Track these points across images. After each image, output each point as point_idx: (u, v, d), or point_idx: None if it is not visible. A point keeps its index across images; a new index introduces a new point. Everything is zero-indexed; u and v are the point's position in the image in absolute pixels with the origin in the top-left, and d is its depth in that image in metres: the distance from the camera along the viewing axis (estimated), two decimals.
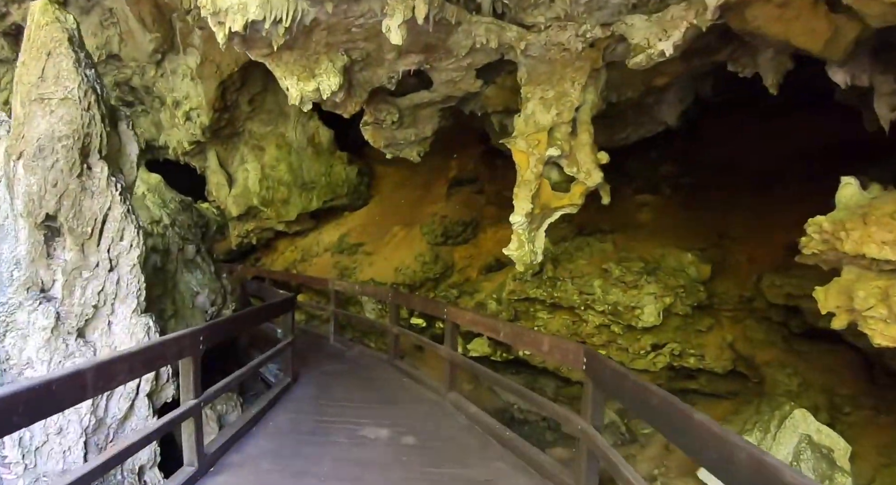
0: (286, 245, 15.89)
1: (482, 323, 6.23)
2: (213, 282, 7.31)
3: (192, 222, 7.51)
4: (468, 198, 13.45)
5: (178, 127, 15.04)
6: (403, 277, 11.32)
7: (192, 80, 13.56)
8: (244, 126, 14.87)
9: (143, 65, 13.94)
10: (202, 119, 13.91)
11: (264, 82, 14.22)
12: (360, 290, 9.55)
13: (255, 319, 6.83)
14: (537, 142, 5.43)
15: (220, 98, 13.61)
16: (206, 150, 15.35)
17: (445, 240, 11.99)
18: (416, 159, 8.51)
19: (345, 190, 15.13)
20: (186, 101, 13.94)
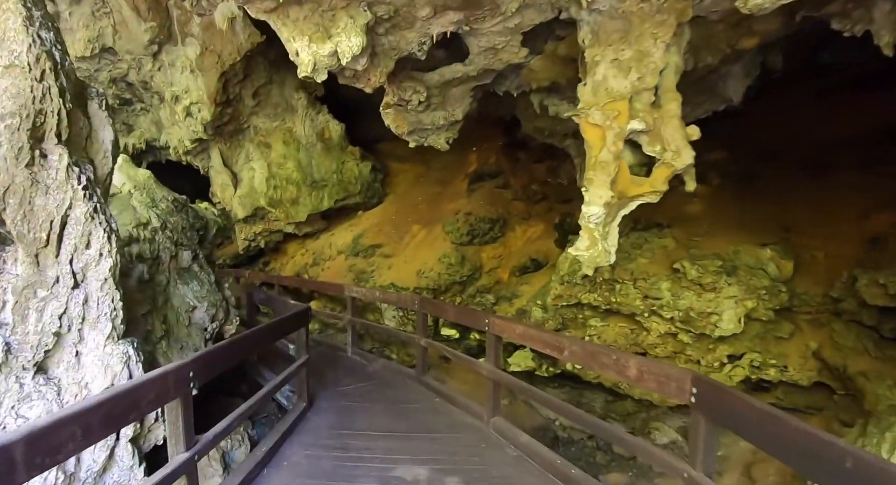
0: (296, 248, 14.87)
1: (537, 338, 5.14)
2: (213, 293, 6.27)
3: (188, 224, 6.48)
4: (492, 193, 12.39)
5: (178, 124, 14.09)
6: (427, 281, 10.25)
7: (191, 72, 12.58)
8: (249, 121, 13.87)
9: (140, 58, 13.00)
10: (203, 114, 12.94)
11: (269, 73, 13.23)
12: (381, 297, 8.48)
13: (262, 341, 5.76)
14: (616, 113, 4.35)
15: (222, 91, 12.63)
16: (208, 148, 14.38)
17: (471, 239, 10.92)
18: (444, 147, 7.45)
19: (358, 188, 14.09)
20: (186, 95, 12.97)
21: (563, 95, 7.12)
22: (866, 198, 9.09)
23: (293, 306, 6.91)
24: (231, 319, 6.69)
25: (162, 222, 5.72)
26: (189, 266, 6.28)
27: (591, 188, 4.52)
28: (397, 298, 8.24)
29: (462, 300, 10.28)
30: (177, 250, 5.85)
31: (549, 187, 12.46)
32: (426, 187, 14.34)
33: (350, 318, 9.50)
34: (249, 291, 8.72)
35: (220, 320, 6.51)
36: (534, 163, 13.40)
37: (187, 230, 6.42)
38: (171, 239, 5.76)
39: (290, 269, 14.10)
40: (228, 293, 6.99)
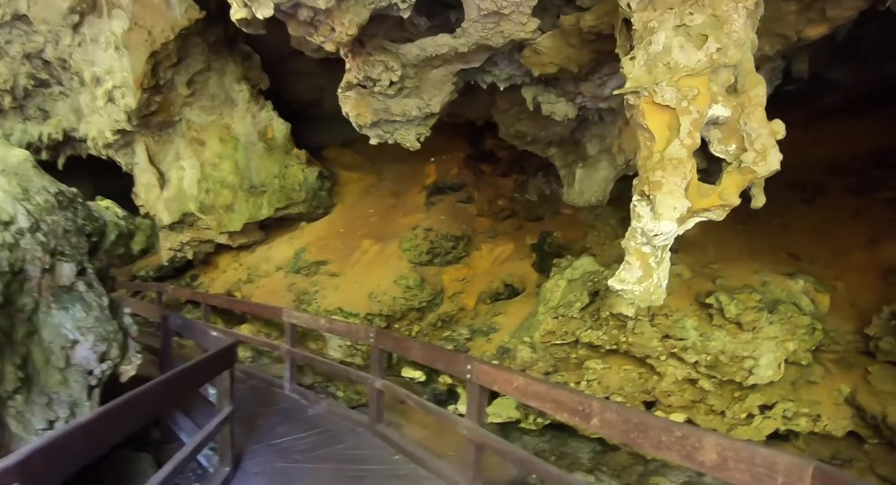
0: (229, 261, 13.13)
1: (548, 396, 3.80)
2: (104, 322, 4.69)
3: (75, 227, 4.89)
4: (454, 208, 11.10)
5: (99, 112, 12.22)
6: (380, 306, 8.80)
7: (116, 50, 10.84)
8: (181, 113, 12.15)
9: (57, 30, 11.18)
10: (128, 100, 11.19)
11: (207, 58, 11.60)
12: (327, 326, 6.99)
13: (162, 403, 4.14)
14: (695, 92, 3.11)
15: (151, 75, 10.92)
16: (133, 142, 12.55)
17: (432, 259, 9.57)
18: (414, 146, 6.12)
19: (302, 196, 12.52)
20: (109, 77, 11.19)
21: (563, 90, 5.93)
22: (868, 225, 8.38)
23: (215, 341, 5.38)
24: (130, 357, 5.09)
25: (32, 222, 4.12)
26: (71, 284, 4.68)
27: (660, 196, 3.24)
28: (347, 329, 6.75)
29: (421, 330, 8.88)
30: (53, 262, 4.26)
31: (517, 203, 11.30)
32: (378, 199, 12.94)
33: (288, 348, 7.96)
34: (165, 315, 7.07)
35: (115, 359, 4.90)
36: (499, 176, 12.25)
37: (72, 235, 4.82)
38: (44, 246, 4.17)
39: (221, 285, 12.35)
40: (129, 321, 5.39)
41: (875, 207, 8.75)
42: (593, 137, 7.83)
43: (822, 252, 8.07)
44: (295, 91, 13.50)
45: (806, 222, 8.70)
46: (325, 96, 14.24)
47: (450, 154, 13.12)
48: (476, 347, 6.83)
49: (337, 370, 7.12)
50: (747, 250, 7.33)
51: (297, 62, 13.17)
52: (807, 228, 8.59)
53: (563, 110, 6.46)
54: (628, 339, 5.79)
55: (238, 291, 11.70)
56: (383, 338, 6.10)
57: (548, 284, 6.76)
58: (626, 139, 6.60)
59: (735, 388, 5.61)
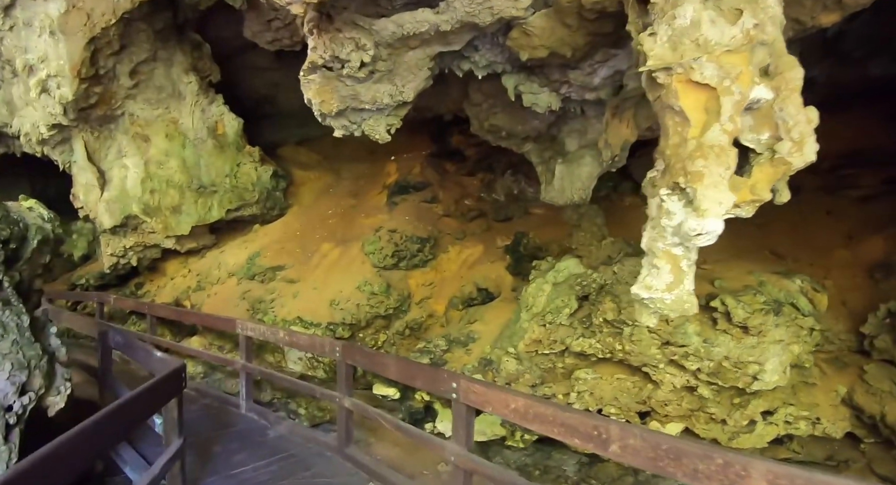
0: (177, 268, 12.24)
1: (555, 419, 3.29)
2: (23, 346, 3.98)
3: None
4: (418, 208, 10.55)
5: (33, 104, 11.19)
6: (343, 315, 8.17)
7: (51, 35, 9.91)
8: (123, 107, 11.23)
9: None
10: (63, 91, 10.25)
11: (153, 46, 10.72)
12: (287, 339, 6.33)
13: (96, 446, 3.38)
14: (738, 70, 2.62)
15: (90, 63, 10.02)
16: (70, 138, 11.58)
17: (397, 262, 8.98)
18: (384, 138, 5.56)
19: (255, 196, 11.75)
20: (43, 65, 10.24)
21: (547, 80, 5.47)
22: (844, 223, 8.24)
23: (160, 363, 4.69)
24: (58, 387, 4.37)
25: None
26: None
27: (702, 189, 2.72)
28: (310, 343, 6.10)
29: (388, 339, 8.30)
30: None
31: (484, 203, 10.83)
32: (337, 199, 12.27)
33: (244, 363, 7.28)
34: (103, 332, 6.30)
35: (38, 390, 4.19)
36: (464, 175, 11.75)
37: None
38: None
39: (169, 293, 11.48)
40: (56, 343, 4.67)
41: (848, 204, 8.66)
42: (572, 132, 7.41)
43: (805, 251, 7.86)
44: (248, 87, 12.72)
45: (785, 221, 8.48)
46: (280, 92, 13.57)
47: (411, 152, 12.58)
48: (455, 360, 6.27)
49: (299, 388, 6.47)
50: (733, 250, 7.00)
51: (250, 56, 12.45)
52: (787, 227, 8.37)
53: (546, 101, 6.01)
54: (625, 347, 5.33)
55: (187, 300, 10.88)
56: (351, 352, 5.50)
57: (529, 288, 6.26)
58: (613, 134, 6.17)
59: (734, 394, 5.24)
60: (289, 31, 10.26)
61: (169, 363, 4.64)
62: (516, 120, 7.53)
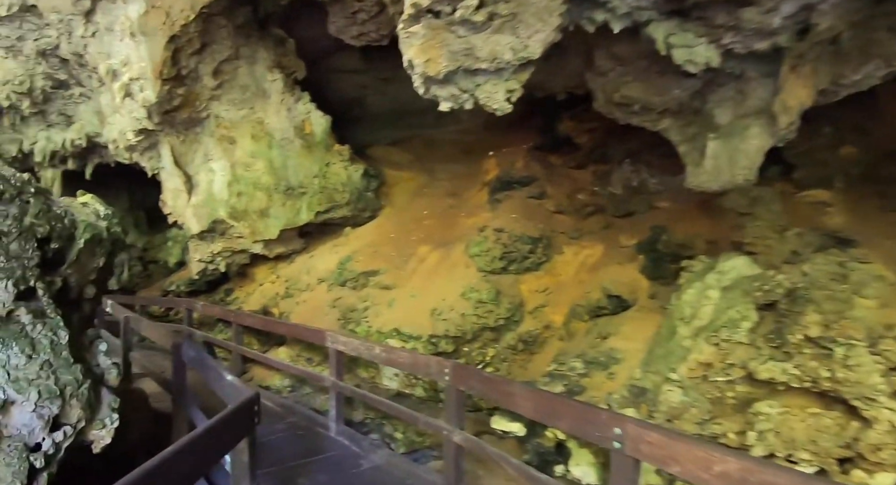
0: (266, 274, 11.60)
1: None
2: (56, 370, 3.08)
3: (18, 228, 3.30)
4: (525, 205, 9.31)
5: (119, 111, 10.87)
6: (446, 326, 7.05)
7: (132, 37, 9.48)
8: (208, 109, 10.71)
9: (69, 19, 9.91)
10: (147, 94, 9.81)
11: (234, 44, 10.12)
12: (384, 356, 5.26)
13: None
14: None
15: (172, 63, 9.53)
16: (158, 143, 11.17)
17: (506, 265, 7.78)
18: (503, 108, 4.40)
19: (346, 197, 10.90)
20: (126, 68, 9.85)
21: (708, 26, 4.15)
22: None
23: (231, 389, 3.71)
24: (103, 419, 3.46)
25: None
26: (7, 314, 3.06)
27: None
28: (411, 362, 4.99)
29: (497, 354, 7.10)
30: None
31: (599, 198, 9.45)
32: (432, 199, 11.23)
33: (334, 381, 6.31)
34: (176, 344, 5.46)
35: (75, 423, 3.27)
36: (573, 168, 10.41)
37: (10, 239, 3.22)
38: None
39: (257, 300, 10.82)
40: (105, 364, 3.78)
41: None
42: (724, 101, 6.01)
43: None
44: (335, 90, 12.06)
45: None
46: (368, 95, 12.90)
47: (510, 147, 11.40)
48: (595, 386, 4.98)
49: (399, 414, 5.38)
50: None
51: (337, 58, 11.87)
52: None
53: (704, 56, 4.70)
54: (835, 373, 3.88)
55: (275, 307, 10.14)
56: (465, 376, 4.34)
57: (685, 295, 4.89)
58: (791, 93, 4.75)
59: None
60: (375, 24, 9.43)
61: (240, 392, 3.64)
62: (653, 89, 6.21)
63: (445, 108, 4.56)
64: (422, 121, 12.94)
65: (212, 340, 10.11)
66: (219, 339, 9.96)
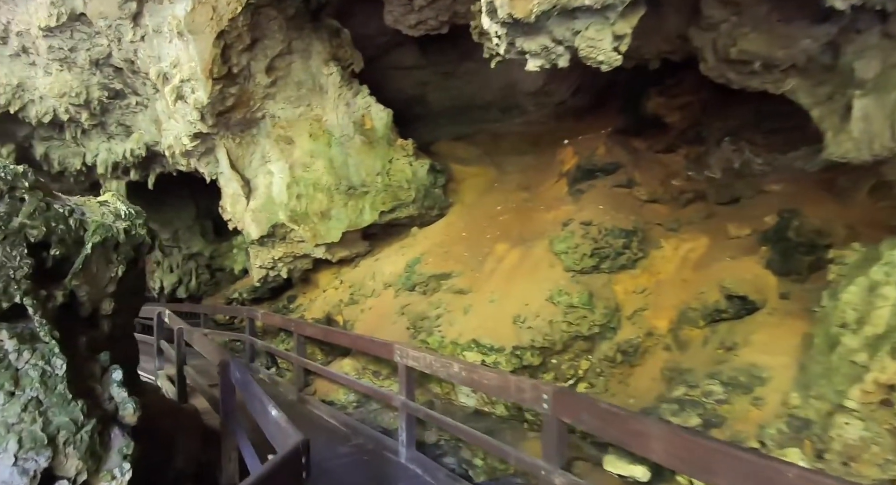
0: (329, 279, 10.93)
1: None
2: (47, 411, 2.28)
3: (4, 231, 2.57)
4: (612, 195, 8.24)
5: (174, 116, 10.48)
6: (532, 335, 6.09)
7: (180, 36, 9.00)
8: (263, 108, 10.14)
9: (117, 24, 9.51)
10: (198, 95, 9.33)
11: (286, 37, 9.48)
12: (467, 376, 4.34)
13: None
14: None
15: (222, 61, 9.00)
16: (214, 146, 10.72)
17: (598, 263, 6.73)
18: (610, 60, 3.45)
19: (412, 195, 10.08)
20: (176, 70, 9.41)
21: None
22: None
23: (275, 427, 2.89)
24: (111, 470, 2.69)
25: None
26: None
27: None
28: (500, 384, 4.03)
29: (591, 368, 6.08)
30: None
31: (696, 183, 8.27)
32: (505, 194, 10.27)
33: (404, 401, 5.48)
34: (224, 363, 4.73)
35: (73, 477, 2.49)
36: (660, 152, 9.24)
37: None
38: None
39: (320, 307, 10.14)
40: (121, 396, 3.03)
41: None
42: (867, 51, 4.87)
43: None
44: (395, 88, 11.34)
45: None
46: (429, 91, 12.16)
47: (587, 134, 10.33)
48: (737, 416, 3.89)
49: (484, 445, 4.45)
50: None
51: (395, 55, 11.17)
52: None
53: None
54: None
55: (339, 315, 9.42)
56: (570, 405, 3.38)
57: (847, 294, 3.75)
58: None
59: None
60: (433, 10, 8.72)
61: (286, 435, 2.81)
62: (777, 41, 5.09)
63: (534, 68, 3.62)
64: (486, 115, 12.24)
65: (273, 350, 9.49)
66: (281, 349, 9.32)
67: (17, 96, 11.11)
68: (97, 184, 14.37)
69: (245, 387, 4.00)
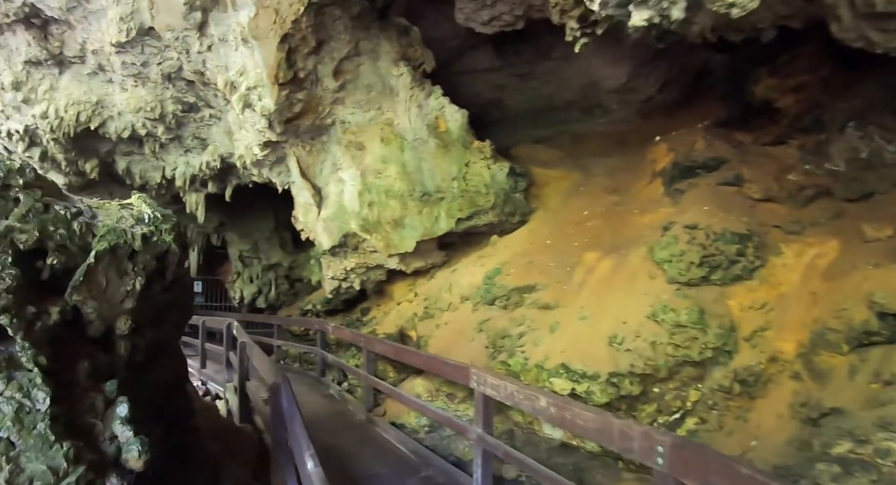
0: (404, 291, 10.35)
1: None
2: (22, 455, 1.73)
3: None
4: (716, 193, 7.24)
5: (244, 126, 10.28)
6: (630, 359, 5.19)
7: (245, 43, 8.74)
8: (332, 114, 9.73)
9: (184, 36, 9.40)
10: (265, 102, 9.04)
11: (353, 38, 9.04)
12: (556, 413, 3.52)
13: None
14: None
15: (287, 65, 8.69)
16: (285, 156, 10.42)
17: (707, 274, 5.74)
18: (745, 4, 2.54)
19: (490, 200, 9.34)
20: (242, 78, 9.16)
21: None
22: None
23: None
24: None
25: None
26: None
27: None
28: (601, 429, 3.20)
29: (702, 400, 5.11)
30: None
31: (817, 178, 7.13)
32: (591, 198, 9.36)
33: (481, 434, 4.75)
34: (275, 386, 4.17)
35: None
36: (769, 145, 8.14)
37: None
38: None
39: (393, 321, 9.56)
40: (125, 435, 2.43)
41: None
42: None
43: None
44: (469, 93, 10.76)
45: None
46: (506, 94, 11.53)
47: (679, 130, 9.34)
48: None
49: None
50: None
51: (469, 58, 10.63)
52: None
53: None
54: None
55: (413, 330, 8.78)
56: (696, 465, 2.53)
57: None
58: None
59: None
60: (507, 5, 8.24)
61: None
62: None
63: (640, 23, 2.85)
64: (567, 116, 11.52)
65: (343, 366, 8.98)
66: (351, 364, 8.79)
67: (96, 113, 11.29)
68: (178, 197, 14.54)
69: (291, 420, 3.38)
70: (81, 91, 11.13)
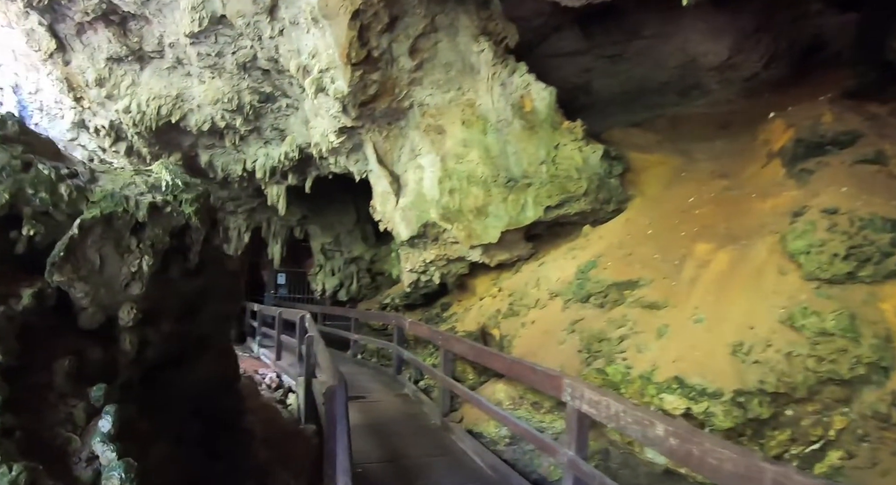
0: (487, 286, 9.63)
1: None
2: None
3: None
4: (855, 174, 6.10)
5: (319, 113, 9.89)
6: (760, 373, 4.24)
7: (315, 24, 8.31)
8: (410, 96, 9.14)
9: (255, 21, 9.11)
10: (338, 84, 8.60)
11: (428, 13, 8.38)
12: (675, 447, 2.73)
13: None
14: None
15: (359, 44, 8.14)
16: (361, 143, 9.95)
17: (855, 269, 4.66)
18: None
19: (583, 186, 8.43)
20: (315, 61, 8.78)
21: None
22: None
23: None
24: None
25: None
26: None
27: None
28: (740, 472, 2.37)
29: (848, 428, 4.08)
30: None
31: None
32: (696, 183, 8.29)
33: (573, 457, 4.04)
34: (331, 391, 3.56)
35: None
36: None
37: None
38: None
39: (475, 318, 8.85)
40: (108, 456, 1.81)
41: None
42: None
43: None
44: (556, 78, 9.89)
45: None
46: (594, 78, 10.63)
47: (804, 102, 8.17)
48: None
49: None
50: None
51: (554, 41, 9.84)
52: None
53: None
54: None
55: (495, 328, 8.03)
56: None
57: None
58: None
59: None
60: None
61: None
62: None
63: None
64: (662, 99, 10.52)
65: (419, 364, 8.38)
66: (428, 363, 8.17)
67: (177, 106, 11.38)
68: (260, 190, 14.52)
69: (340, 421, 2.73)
70: (161, 85, 11.24)
